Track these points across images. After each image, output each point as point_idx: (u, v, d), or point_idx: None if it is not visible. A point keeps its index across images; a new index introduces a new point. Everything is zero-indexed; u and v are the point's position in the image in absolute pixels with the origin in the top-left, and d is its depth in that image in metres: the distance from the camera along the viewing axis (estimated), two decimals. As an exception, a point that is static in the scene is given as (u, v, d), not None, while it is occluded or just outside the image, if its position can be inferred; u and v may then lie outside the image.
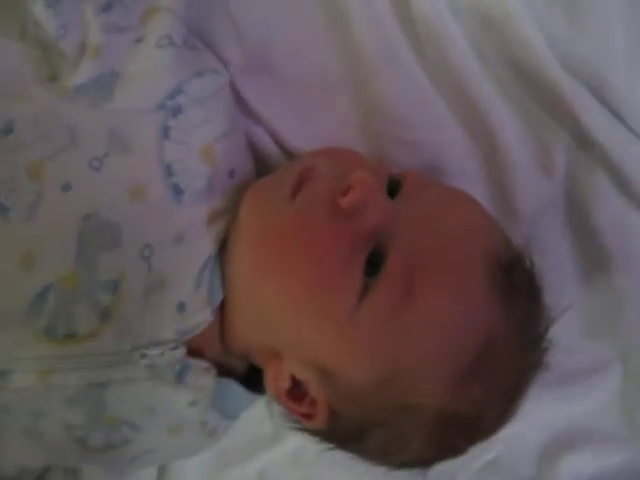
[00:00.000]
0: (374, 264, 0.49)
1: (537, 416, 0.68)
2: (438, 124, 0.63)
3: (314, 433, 0.57)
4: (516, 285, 0.51)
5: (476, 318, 0.49)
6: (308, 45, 0.61)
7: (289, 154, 0.62)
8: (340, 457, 0.58)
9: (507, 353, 0.51)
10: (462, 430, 0.52)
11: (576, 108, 0.61)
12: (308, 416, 0.53)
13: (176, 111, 0.53)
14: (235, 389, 0.57)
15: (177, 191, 0.52)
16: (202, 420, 0.56)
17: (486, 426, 0.54)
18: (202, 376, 0.54)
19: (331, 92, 0.62)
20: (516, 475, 0.72)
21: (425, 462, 0.55)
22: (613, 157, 0.62)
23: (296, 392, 0.53)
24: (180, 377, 0.53)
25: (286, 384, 0.52)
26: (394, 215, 0.51)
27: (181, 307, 0.52)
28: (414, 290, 0.48)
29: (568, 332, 0.66)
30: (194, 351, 0.54)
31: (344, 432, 0.54)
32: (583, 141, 0.63)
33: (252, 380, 0.58)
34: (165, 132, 0.53)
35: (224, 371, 0.56)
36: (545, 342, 0.54)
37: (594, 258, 0.65)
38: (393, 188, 0.54)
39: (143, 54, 0.53)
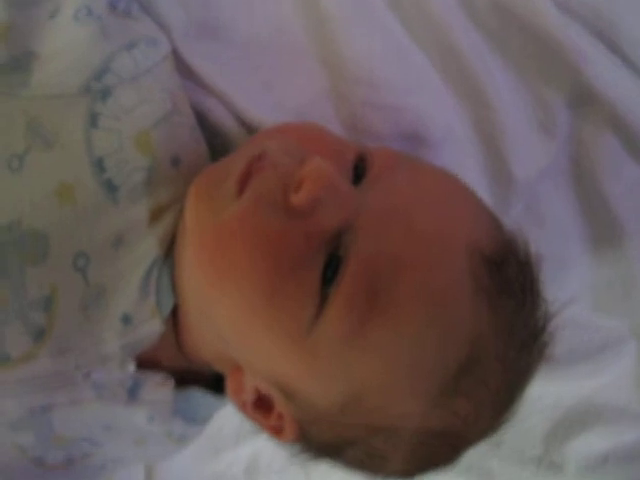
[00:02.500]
0: (334, 269, 0.42)
1: (544, 396, 0.65)
2: (419, 84, 0.55)
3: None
4: (506, 282, 0.44)
5: (457, 328, 0.43)
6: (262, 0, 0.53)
7: (250, 127, 0.55)
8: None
9: (496, 359, 0.45)
10: (448, 445, 0.47)
11: (577, 57, 0.54)
12: (276, 430, 0.48)
13: (104, 94, 0.46)
14: (200, 397, 0.52)
15: (111, 188, 0.46)
16: (166, 431, 0.52)
17: (478, 435, 0.48)
18: (158, 390, 0.49)
19: (292, 54, 0.55)
20: (522, 456, 0.68)
21: (411, 475, 0.49)
22: (622, 112, 0.55)
23: (263, 404, 0.48)
24: (133, 394, 0.48)
25: (250, 397, 0.47)
26: (357, 208, 0.43)
27: (126, 319, 0.46)
28: (379, 300, 0.41)
29: (576, 307, 0.60)
30: (148, 362, 0.48)
31: (317, 448, 0.49)
32: (587, 95, 0.56)
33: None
34: (93, 120, 0.46)
35: (189, 375, 0.51)
36: (544, 337, 0.48)
37: (603, 226, 0.59)
38: (361, 171, 0.46)
39: (59, 30, 0.46)
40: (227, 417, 0.68)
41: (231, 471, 0.72)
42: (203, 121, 0.54)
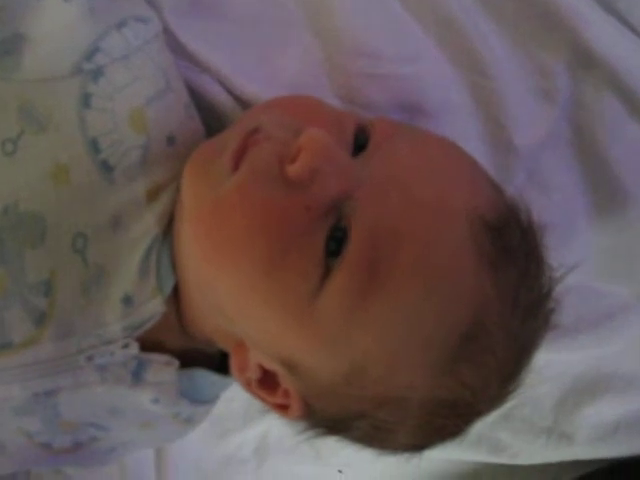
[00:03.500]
0: (338, 241, 0.42)
1: (551, 367, 0.64)
2: (414, 52, 0.54)
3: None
4: (508, 248, 0.43)
5: (459, 295, 0.42)
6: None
7: (245, 103, 0.54)
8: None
9: (501, 326, 0.44)
10: (456, 415, 0.46)
11: (575, 19, 0.52)
12: (283, 407, 0.48)
13: (96, 74, 0.45)
14: (205, 377, 0.51)
15: (106, 168, 0.45)
16: (172, 412, 0.52)
17: (486, 404, 0.48)
18: (162, 371, 0.48)
19: (285, 26, 0.54)
20: (531, 427, 0.68)
21: (420, 448, 0.49)
22: (623, 75, 0.54)
23: (268, 381, 0.47)
24: (137, 376, 0.47)
25: (255, 374, 0.47)
26: (357, 179, 0.43)
27: (127, 300, 0.46)
28: (380, 270, 0.41)
29: (582, 275, 0.59)
30: (152, 344, 0.48)
31: (324, 424, 0.49)
32: (586, 58, 0.54)
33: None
34: (85, 100, 0.45)
35: (194, 356, 0.51)
36: (549, 305, 0.47)
37: (607, 193, 0.58)
38: (362, 141, 0.46)
39: (48, 11, 0.45)
40: (234, 399, 0.69)
41: (241, 452, 0.72)
42: (198, 99, 0.53)
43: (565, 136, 0.57)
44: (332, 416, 0.47)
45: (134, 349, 0.47)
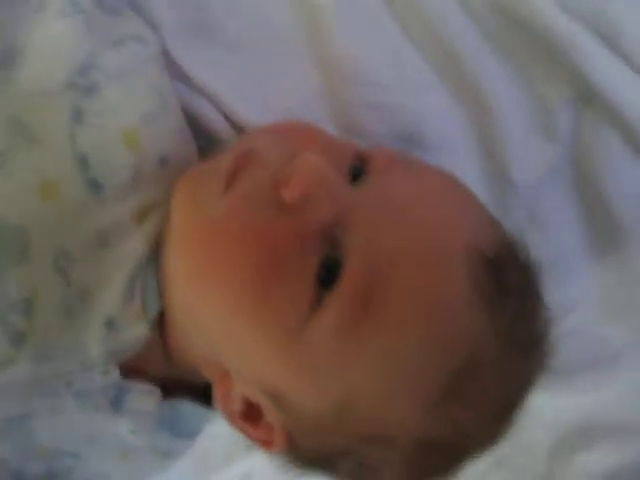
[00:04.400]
0: (330, 270, 0.40)
1: (545, 412, 0.62)
2: (415, 84, 0.53)
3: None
4: (506, 285, 0.42)
5: (454, 330, 0.41)
6: (254, -2, 0.52)
7: (241, 129, 0.53)
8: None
9: (496, 365, 0.43)
10: (445, 455, 0.44)
11: (578, 56, 0.51)
12: (265, 441, 0.46)
13: (90, 90, 0.44)
14: (187, 408, 0.49)
15: (95, 186, 0.44)
16: (151, 445, 0.49)
17: (476, 445, 0.46)
18: (142, 401, 0.46)
19: (284, 53, 0.53)
20: (525, 474, 0.65)
21: None
22: (625, 112, 0.53)
23: (252, 413, 0.45)
24: (116, 404, 0.46)
25: (238, 406, 0.45)
26: (351, 205, 0.41)
27: (110, 323, 0.44)
28: (373, 303, 0.39)
29: (579, 316, 0.58)
30: (134, 370, 0.46)
31: (308, 460, 0.47)
32: (589, 95, 0.53)
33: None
34: (77, 116, 0.44)
35: (176, 385, 0.49)
36: (545, 345, 0.46)
37: (606, 231, 0.57)
38: (360, 171, 0.45)
39: (44, 24, 0.44)
40: (218, 436, 0.66)
41: (223, 491, 0.70)
42: (193, 123, 0.52)
43: (565, 173, 0.56)
44: (316, 452, 0.45)
45: (115, 376, 0.45)
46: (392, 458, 0.43)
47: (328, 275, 0.40)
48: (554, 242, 0.57)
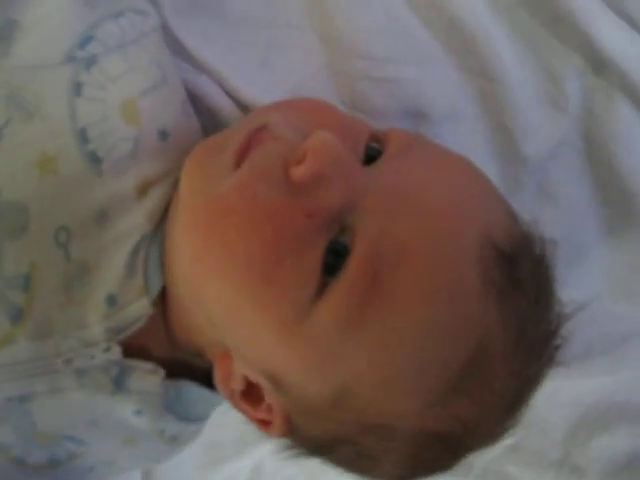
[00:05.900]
0: (337, 254, 0.39)
1: (561, 394, 0.61)
2: (421, 56, 0.52)
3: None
4: (519, 279, 0.41)
5: (463, 320, 0.39)
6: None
7: (245, 107, 0.52)
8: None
9: (504, 360, 0.41)
10: (445, 449, 0.43)
11: (589, 25, 0.51)
12: (265, 423, 0.45)
13: (89, 62, 0.44)
14: (193, 390, 0.48)
15: (94, 160, 0.43)
16: (157, 429, 0.48)
17: (478, 440, 0.45)
18: (146, 380, 0.45)
19: (288, 29, 0.52)
20: (540, 460, 0.64)
21: (405, 479, 0.46)
22: (636, 80, 0.51)
23: (252, 394, 0.44)
24: (118, 383, 0.44)
25: (239, 385, 0.44)
26: (365, 189, 0.40)
27: (111, 299, 0.43)
28: (380, 290, 0.38)
29: (594, 295, 0.57)
30: (136, 350, 0.45)
31: (306, 444, 0.46)
32: (600, 65, 0.52)
33: None
34: (76, 89, 0.43)
35: (182, 369, 0.48)
36: (556, 339, 0.45)
37: (619, 206, 0.56)
38: (375, 152, 0.43)
39: None
40: (228, 426, 0.65)
41: (233, 482, 0.69)
42: (196, 101, 0.51)
43: (575, 145, 0.55)
44: (315, 437, 0.44)
45: (116, 353, 0.44)
46: (390, 449, 0.42)
47: (335, 259, 0.39)
48: (566, 217, 0.55)
